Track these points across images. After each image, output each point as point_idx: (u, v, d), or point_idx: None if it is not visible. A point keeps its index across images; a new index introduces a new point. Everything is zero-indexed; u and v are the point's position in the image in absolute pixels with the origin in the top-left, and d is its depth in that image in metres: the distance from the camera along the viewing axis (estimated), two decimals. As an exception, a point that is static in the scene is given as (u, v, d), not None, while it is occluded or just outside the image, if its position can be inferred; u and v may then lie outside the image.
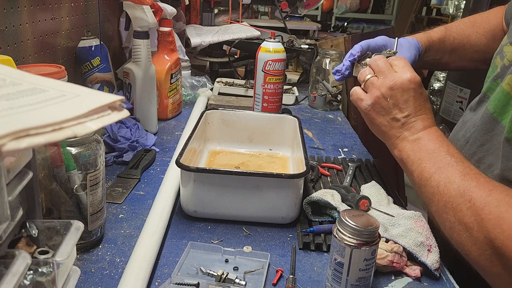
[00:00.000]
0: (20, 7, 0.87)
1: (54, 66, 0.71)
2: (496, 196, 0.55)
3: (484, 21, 0.94)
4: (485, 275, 0.56)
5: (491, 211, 0.53)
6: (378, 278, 0.63)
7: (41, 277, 0.39)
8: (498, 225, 0.52)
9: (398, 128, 0.70)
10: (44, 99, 0.35)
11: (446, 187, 0.60)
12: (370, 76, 0.72)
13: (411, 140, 0.68)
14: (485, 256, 0.54)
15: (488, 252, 0.53)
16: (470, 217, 0.55)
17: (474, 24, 0.94)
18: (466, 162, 0.62)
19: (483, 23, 0.94)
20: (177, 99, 1.25)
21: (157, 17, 1.12)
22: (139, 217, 0.74)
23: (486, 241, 0.53)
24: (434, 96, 2.78)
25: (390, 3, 4.68)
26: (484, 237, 0.53)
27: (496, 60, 0.76)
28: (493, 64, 0.78)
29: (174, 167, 0.79)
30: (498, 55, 0.77)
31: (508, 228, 0.51)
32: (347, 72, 0.84)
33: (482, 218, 0.54)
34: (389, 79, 0.69)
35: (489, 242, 0.53)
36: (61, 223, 0.45)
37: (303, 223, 0.74)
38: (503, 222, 0.51)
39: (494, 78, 0.75)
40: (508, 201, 0.53)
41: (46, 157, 0.57)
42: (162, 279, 0.60)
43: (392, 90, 0.69)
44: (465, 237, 0.56)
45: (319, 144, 1.13)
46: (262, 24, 1.86)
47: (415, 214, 0.70)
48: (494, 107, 0.71)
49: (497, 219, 0.52)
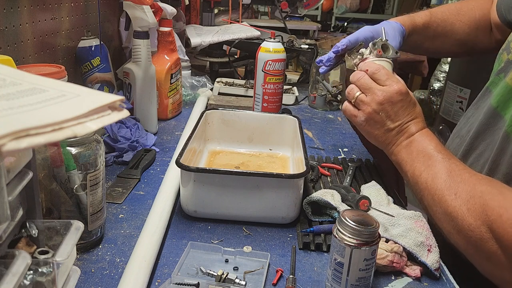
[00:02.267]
0: (20, 7, 0.87)
1: (54, 66, 0.71)
2: (479, 188, 0.59)
3: (469, 10, 0.94)
4: (474, 261, 0.60)
5: (476, 201, 0.58)
6: (378, 278, 0.63)
7: (41, 277, 0.39)
8: (483, 212, 0.56)
9: (393, 136, 0.74)
10: (44, 99, 0.35)
11: (434, 182, 0.64)
12: (359, 93, 0.75)
13: (405, 144, 0.72)
14: (471, 243, 0.58)
15: (473, 239, 0.57)
16: (454, 207, 0.60)
17: (459, 12, 0.94)
18: (453, 158, 0.67)
19: (468, 12, 0.94)
20: (177, 99, 1.25)
21: (157, 17, 1.12)
22: (139, 217, 0.74)
23: (471, 228, 0.57)
24: (434, 96, 2.78)
25: (390, 3, 4.68)
26: (469, 224, 0.57)
27: (503, 56, 0.77)
28: (499, 59, 0.78)
29: (174, 167, 0.79)
30: (504, 51, 0.77)
31: (492, 213, 0.55)
32: (328, 63, 0.85)
33: (468, 208, 0.58)
34: (377, 95, 0.72)
35: (476, 229, 0.56)
36: (61, 223, 0.45)
37: (303, 223, 0.74)
38: (488, 209, 0.56)
39: (498, 72, 0.75)
40: (491, 191, 0.58)
41: (46, 157, 0.57)
42: (162, 279, 0.60)
43: (382, 105, 0.72)
44: (452, 226, 0.60)
45: (319, 144, 1.13)
46: (262, 24, 1.86)
47: (415, 214, 0.70)
48: (498, 102, 0.72)
49: (482, 207, 0.57)
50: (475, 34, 0.93)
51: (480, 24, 0.93)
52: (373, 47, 0.78)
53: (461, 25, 0.93)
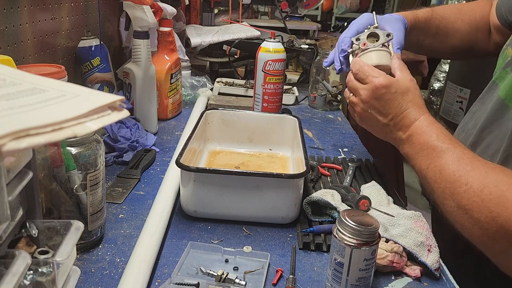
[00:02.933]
0: (20, 7, 0.87)
1: (54, 66, 0.71)
2: (494, 177, 0.56)
3: (470, 10, 0.94)
4: (490, 253, 0.58)
5: (491, 191, 0.55)
6: (378, 278, 0.63)
7: (41, 277, 0.39)
8: (501, 203, 0.54)
9: (391, 131, 0.73)
10: (44, 99, 0.35)
11: (442, 174, 0.62)
12: (350, 95, 0.77)
13: (405, 138, 0.71)
14: (488, 235, 0.55)
15: (491, 231, 0.55)
16: (469, 199, 0.57)
17: (460, 11, 0.94)
18: (460, 146, 0.64)
19: (468, 11, 0.94)
20: (177, 99, 1.25)
21: (157, 17, 1.12)
22: (139, 217, 0.74)
23: (488, 220, 0.55)
24: (434, 96, 2.78)
25: (390, 3, 4.68)
26: (485, 216, 0.55)
27: (508, 51, 0.76)
28: (504, 55, 0.77)
29: (174, 167, 0.79)
30: (509, 46, 0.77)
31: (510, 205, 0.53)
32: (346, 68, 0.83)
33: (482, 199, 0.55)
34: (361, 94, 0.74)
35: (492, 221, 0.54)
36: (61, 223, 0.45)
37: (303, 223, 0.74)
38: (506, 200, 0.53)
39: (505, 66, 0.75)
40: (507, 181, 0.55)
41: (46, 157, 0.57)
42: (162, 279, 0.60)
43: (368, 103, 0.73)
44: (466, 219, 0.58)
45: (319, 144, 1.13)
46: (262, 24, 1.86)
47: (415, 214, 0.70)
48: (506, 93, 0.72)
49: (499, 198, 0.54)
50: (475, 34, 0.93)
51: (480, 25, 0.93)
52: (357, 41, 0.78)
53: (462, 24, 0.93)
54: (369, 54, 0.76)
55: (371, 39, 0.78)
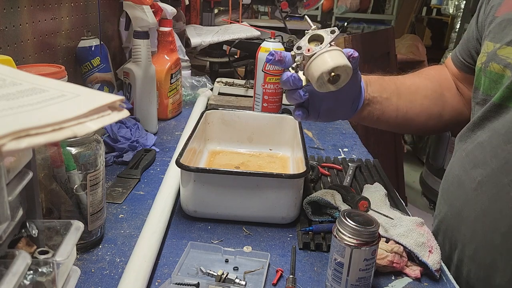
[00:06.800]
0: (20, 7, 0.87)
1: (54, 66, 0.71)
2: None
3: (426, 70, 0.90)
4: None
5: None
6: (378, 278, 0.63)
7: (41, 277, 0.39)
8: None
9: None
10: (44, 99, 0.35)
11: None
12: None
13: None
14: None
15: None
16: None
17: (419, 74, 0.89)
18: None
19: (425, 71, 0.90)
20: (177, 99, 1.25)
21: (157, 17, 1.12)
22: (139, 217, 0.74)
23: None
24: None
25: (390, 3, 4.68)
26: None
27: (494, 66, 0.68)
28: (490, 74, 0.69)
29: (174, 167, 0.79)
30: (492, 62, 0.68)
31: None
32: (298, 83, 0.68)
33: None
34: None
35: None
36: (61, 223, 0.45)
37: (303, 223, 0.74)
38: None
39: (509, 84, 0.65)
40: None
41: (46, 157, 0.57)
42: (162, 279, 0.60)
43: None
44: None
45: (319, 144, 1.13)
46: (262, 24, 1.86)
47: (417, 220, 0.68)
48: None
49: None
50: (440, 90, 0.85)
51: (442, 82, 0.87)
52: (298, 49, 0.66)
53: (422, 80, 0.86)
54: (321, 58, 0.62)
55: (314, 43, 0.66)
